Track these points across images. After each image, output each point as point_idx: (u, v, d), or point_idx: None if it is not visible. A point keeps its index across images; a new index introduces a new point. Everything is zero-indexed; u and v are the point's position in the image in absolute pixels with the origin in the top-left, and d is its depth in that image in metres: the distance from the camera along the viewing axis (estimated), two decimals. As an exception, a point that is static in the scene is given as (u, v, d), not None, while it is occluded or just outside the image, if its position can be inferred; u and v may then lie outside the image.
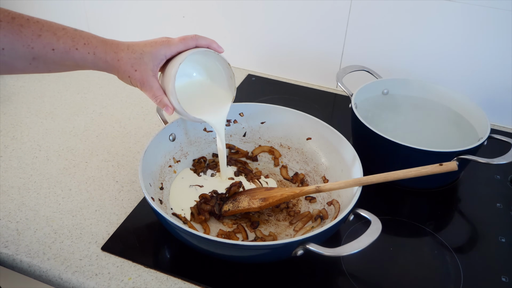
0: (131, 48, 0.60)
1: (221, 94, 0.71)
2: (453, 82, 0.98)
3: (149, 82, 0.61)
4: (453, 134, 0.83)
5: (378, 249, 0.66)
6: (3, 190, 0.74)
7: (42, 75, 1.09)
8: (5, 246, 0.64)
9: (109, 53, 0.59)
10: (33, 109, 0.96)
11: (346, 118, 0.87)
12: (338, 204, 0.68)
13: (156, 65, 0.61)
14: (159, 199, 0.68)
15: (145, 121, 0.94)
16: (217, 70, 0.70)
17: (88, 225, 0.68)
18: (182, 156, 0.78)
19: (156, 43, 0.61)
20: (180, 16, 1.14)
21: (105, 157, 0.83)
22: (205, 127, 0.80)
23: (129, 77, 0.61)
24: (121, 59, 0.59)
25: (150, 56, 0.60)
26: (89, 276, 0.60)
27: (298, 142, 0.80)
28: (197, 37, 0.63)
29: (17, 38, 0.53)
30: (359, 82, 0.88)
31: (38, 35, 0.55)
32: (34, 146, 0.85)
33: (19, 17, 0.54)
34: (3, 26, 0.53)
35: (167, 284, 0.60)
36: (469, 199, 0.79)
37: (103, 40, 0.59)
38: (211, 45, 0.65)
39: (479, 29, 0.91)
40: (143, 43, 0.61)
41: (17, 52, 0.54)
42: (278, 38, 1.09)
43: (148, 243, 0.66)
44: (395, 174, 0.61)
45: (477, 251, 0.68)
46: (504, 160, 0.70)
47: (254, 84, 1.11)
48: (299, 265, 0.63)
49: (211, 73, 0.71)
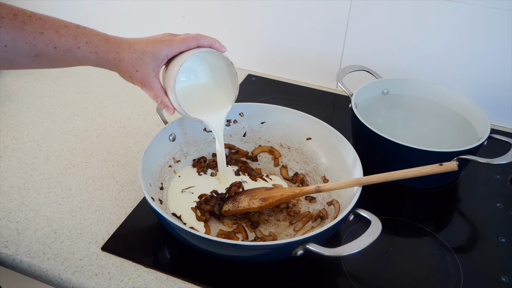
0: (132, 48, 0.60)
1: (223, 93, 0.71)
2: (453, 82, 0.98)
3: (150, 83, 0.62)
4: (453, 134, 0.83)
5: (378, 249, 0.66)
6: (3, 190, 0.74)
7: (42, 75, 1.09)
8: (5, 246, 0.64)
9: (111, 53, 0.59)
10: (33, 109, 0.96)
11: (346, 118, 0.87)
12: (338, 204, 0.68)
13: (157, 65, 0.61)
14: (159, 199, 0.68)
15: (145, 121, 0.94)
16: (219, 68, 0.69)
17: (88, 225, 0.68)
18: (182, 156, 0.78)
19: (158, 42, 0.61)
20: (180, 16, 1.14)
21: (105, 157, 0.83)
22: (205, 127, 0.80)
23: (130, 77, 0.61)
24: (123, 59, 0.59)
25: (151, 56, 0.60)
26: (89, 276, 0.60)
27: (298, 142, 0.80)
28: (199, 37, 0.62)
29: (19, 36, 0.53)
30: (359, 82, 0.88)
31: (40, 33, 0.55)
32: (34, 146, 0.85)
33: (22, 14, 0.54)
34: (5, 23, 0.53)
35: (167, 284, 0.60)
36: (469, 199, 0.79)
37: (106, 38, 0.59)
38: (214, 44, 0.64)
39: (479, 29, 0.91)
40: (145, 42, 0.61)
41: (19, 49, 0.54)
42: (278, 38, 1.09)
43: (148, 243, 0.66)
44: (395, 174, 0.61)
45: (477, 251, 0.68)
46: (504, 160, 0.70)
47: (254, 84, 1.11)
48: (299, 265, 0.63)
49: (214, 72, 0.71)
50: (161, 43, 0.61)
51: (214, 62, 0.69)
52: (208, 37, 0.63)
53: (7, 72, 1.09)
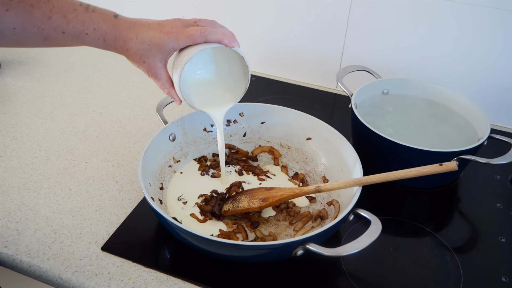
0: (139, 38, 0.59)
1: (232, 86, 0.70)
2: (453, 82, 0.98)
3: (157, 74, 0.61)
4: (453, 134, 0.83)
5: (378, 249, 0.66)
6: (3, 190, 0.74)
7: (42, 75, 1.09)
8: (5, 246, 0.64)
9: (119, 41, 0.59)
10: (33, 109, 0.96)
11: (346, 118, 0.87)
12: (338, 204, 0.68)
13: (164, 56, 0.60)
14: (159, 199, 0.68)
15: (145, 121, 0.94)
16: (230, 60, 0.67)
17: (88, 225, 0.68)
18: (182, 156, 0.78)
19: (165, 34, 0.59)
20: (180, 16, 1.14)
21: (105, 157, 0.83)
22: (205, 127, 0.80)
23: (138, 66, 0.61)
24: (130, 49, 0.59)
25: (158, 48, 0.59)
26: (89, 276, 0.60)
27: (298, 142, 0.80)
28: (206, 33, 0.59)
29: (28, 19, 0.53)
30: (359, 82, 0.88)
31: (48, 17, 0.54)
32: (34, 146, 0.85)
33: None
34: (13, 5, 0.53)
35: (167, 284, 0.60)
36: (469, 199, 0.79)
37: (114, 25, 0.58)
38: (222, 40, 0.59)
39: (479, 29, 0.91)
40: (153, 32, 0.59)
41: (28, 33, 0.54)
42: (278, 38, 1.09)
43: (148, 243, 0.66)
44: (395, 174, 0.61)
45: (477, 251, 0.68)
46: (504, 160, 0.70)
47: (254, 84, 1.11)
48: (299, 265, 0.63)
49: (224, 64, 0.69)
50: (168, 35, 0.58)
51: (225, 54, 0.68)
52: (217, 31, 0.59)
53: (7, 72, 1.09)
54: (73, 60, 1.17)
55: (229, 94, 0.71)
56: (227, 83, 0.71)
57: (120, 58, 1.18)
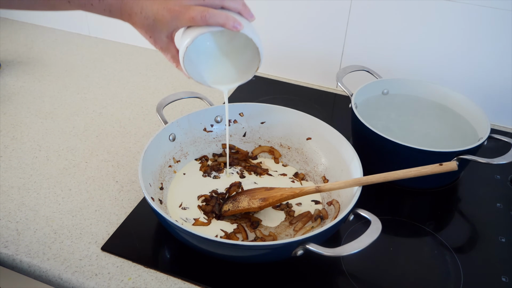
0: (144, 12, 0.57)
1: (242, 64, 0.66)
2: (453, 82, 0.98)
3: (163, 49, 0.61)
4: (453, 134, 0.83)
5: (378, 249, 0.66)
6: (3, 190, 0.74)
7: (42, 75, 1.09)
8: (5, 246, 0.64)
9: (124, 15, 0.58)
10: (33, 109, 0.96)
11: (346, 118, 0.87)
12: (338, 204, 0.68)
13: (170, 32, 0.59)
14: (159, 199, 0.68)
15: (145, 121, 0.94)
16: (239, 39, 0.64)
17: (88, 225, 0.68)
18: (182, 156, 0.78)
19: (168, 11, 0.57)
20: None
21: (105, 157, 0.83)
22: (205, 127, 0.80)
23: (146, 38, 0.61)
24: (135, 23, 0.59)
25: (162, 25, 0.58)
26: (89, 276, 0.60)
27: (298, 142, 0.80)
28: (207, 18, 0.55)
29: None
30: (359, 82, 0.88)
31: None
32: (34, 146, 0.85)
33: None
34: None
35: (167, 284, 0.60)
36: (469, 199, 0.79)
37: None
38: (226, 24, 0.56)
39: (479, 29, 0.91)
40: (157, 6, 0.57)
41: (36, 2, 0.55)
42: (278, 38, 1.09)
43: (148, 243, 0.66)
44: (395, 174, 0.61)
45: (477, 251, 0.68)
46: (504, 160, 0.70)
47: (254, 84, 1.11)
48: (299, 265, 0.63)
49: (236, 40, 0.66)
50: (170, 13, 0.57)
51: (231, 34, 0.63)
52: (220, 14, 0.56)
53: (7, 72, 1.09)
54: (73, 60, 1.18)
55: (240, 73, 0.67)
56: (238, 60, 0.67)
57: (120, 58, 1.18)
